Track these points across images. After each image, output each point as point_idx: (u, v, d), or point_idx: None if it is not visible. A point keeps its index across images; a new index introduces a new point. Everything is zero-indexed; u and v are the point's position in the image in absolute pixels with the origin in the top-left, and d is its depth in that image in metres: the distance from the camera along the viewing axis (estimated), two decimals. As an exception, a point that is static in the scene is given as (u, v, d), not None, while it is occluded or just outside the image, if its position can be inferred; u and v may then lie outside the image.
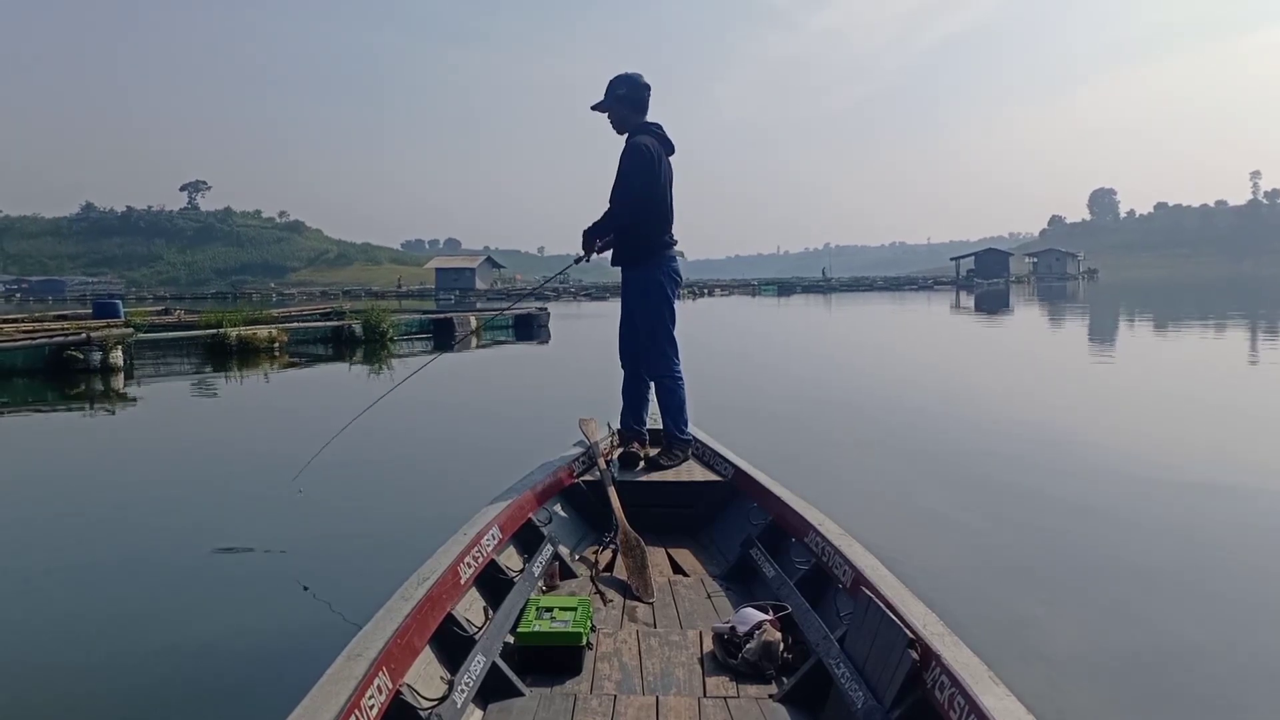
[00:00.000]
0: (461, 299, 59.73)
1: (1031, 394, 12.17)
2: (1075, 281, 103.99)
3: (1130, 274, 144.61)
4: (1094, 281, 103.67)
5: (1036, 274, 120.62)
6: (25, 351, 15.40)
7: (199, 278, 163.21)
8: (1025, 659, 3.70)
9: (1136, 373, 14.84)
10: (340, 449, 5.22)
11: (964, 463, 7.66)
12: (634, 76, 4.78)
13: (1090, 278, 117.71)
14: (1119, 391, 12.36)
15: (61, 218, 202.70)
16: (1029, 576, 4.87)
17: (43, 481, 7.56)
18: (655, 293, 4.75)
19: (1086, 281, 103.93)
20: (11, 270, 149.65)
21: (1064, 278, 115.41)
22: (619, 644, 3.12)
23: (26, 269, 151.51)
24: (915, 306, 44.67)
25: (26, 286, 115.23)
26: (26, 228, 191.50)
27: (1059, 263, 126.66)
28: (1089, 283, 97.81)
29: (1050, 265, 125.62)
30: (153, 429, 10.59)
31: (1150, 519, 5.89)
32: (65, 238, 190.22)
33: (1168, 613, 4.36)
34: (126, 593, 4.70)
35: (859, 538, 3.27)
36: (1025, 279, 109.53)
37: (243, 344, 18.87)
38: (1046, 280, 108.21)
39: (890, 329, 28.65)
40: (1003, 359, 18.23)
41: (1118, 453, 7.97)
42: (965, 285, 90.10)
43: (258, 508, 6.32)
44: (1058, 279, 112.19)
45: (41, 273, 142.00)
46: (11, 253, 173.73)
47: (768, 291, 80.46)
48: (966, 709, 2.04)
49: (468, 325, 24.60)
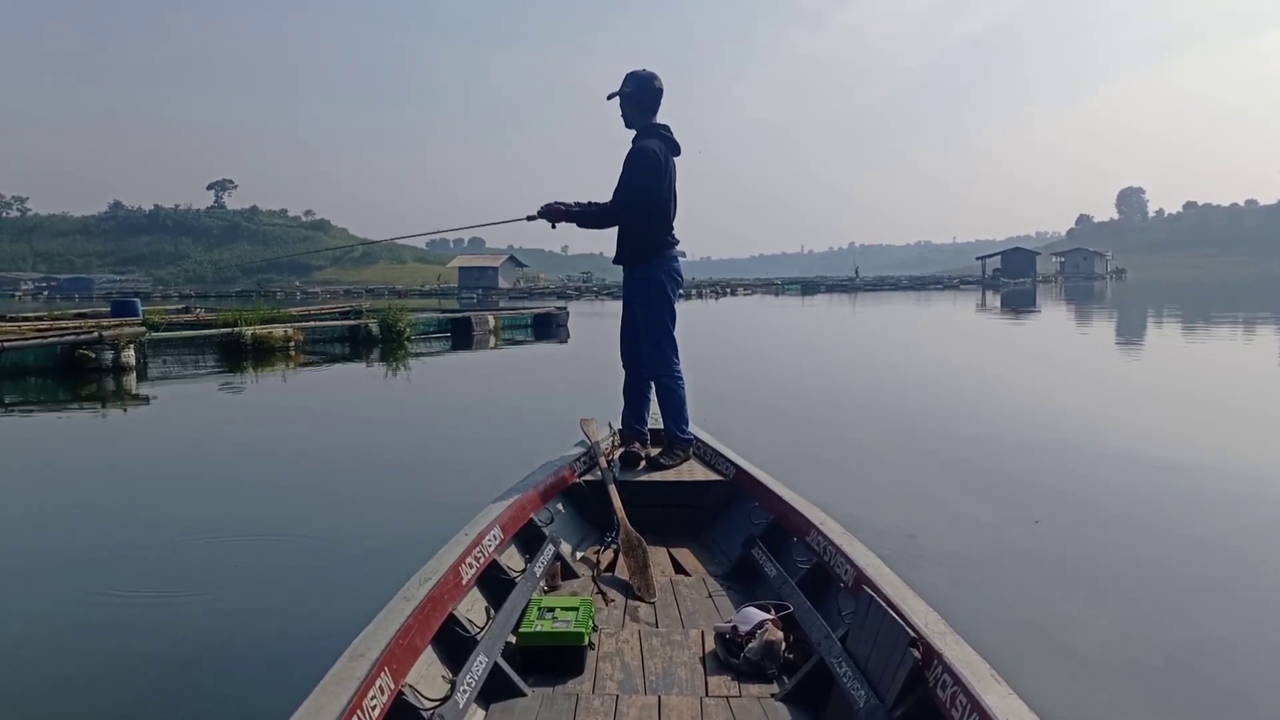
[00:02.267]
0: (484, 298, 60.06)
1: (1051, 392, 12.07)
2: (1103, 281, 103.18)
3: (1159, 274, 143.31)
4: (1122, 281, 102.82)
5: (1063, 273, 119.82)
6: (37, 350, 15.38)
7: (225, 276, 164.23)
8: (1028, 658, 3.67)
9: (1161, 372, 14.71)
10: (343, 449, 5.22)
11: (978, 461, 7.62)
12: (645, 77, 4.70)
13: (1118, 277, 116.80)
14: (1137, 390, 12.32)
15: (90, 216, 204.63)
16: (1030, 576, 4.84)
17: (44, 481, 7.57)
18: (656, 292, 4.74)
19: (1114, 281, 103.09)
20: (41, 268, 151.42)
21: (1091, 277, 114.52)
22: (621, 644, 3.11)
23: (55, 267, 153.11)
24: (941, 306, 44.47)
25: (55, 285, 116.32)
26: (56, 226, 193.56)
27: (1086, 262, 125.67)
28: (1117, 282, 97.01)
29: (1077, 264, 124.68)
30: (158, 428, 10.59)
31: (1158, 518, 5.88)
32: (94, 236, 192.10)
33: (1172, 611, 4.34)
34: (126, 593, 4.69)
35: (860, 536, 3.26)
36: (1052, 278, 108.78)
37: (258, 343, 18.83)
38: (1074, 280, 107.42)
39: (914, 329, 28.50)
40: (1026, 358, 18.08)
41: (1132, 451, 7.94)
42: (991, 285, 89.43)
43: (258, 508, 6.33)
44: (1085, 279, 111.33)
45: (70, 271, 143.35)
46: (41, 251, 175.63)
47: (791, 291, 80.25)
48: (969, 708, 2.03)
49: (486, 324, 24.51)
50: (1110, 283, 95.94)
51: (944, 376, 14.54)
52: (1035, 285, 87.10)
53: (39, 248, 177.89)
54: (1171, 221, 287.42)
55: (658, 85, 4.71)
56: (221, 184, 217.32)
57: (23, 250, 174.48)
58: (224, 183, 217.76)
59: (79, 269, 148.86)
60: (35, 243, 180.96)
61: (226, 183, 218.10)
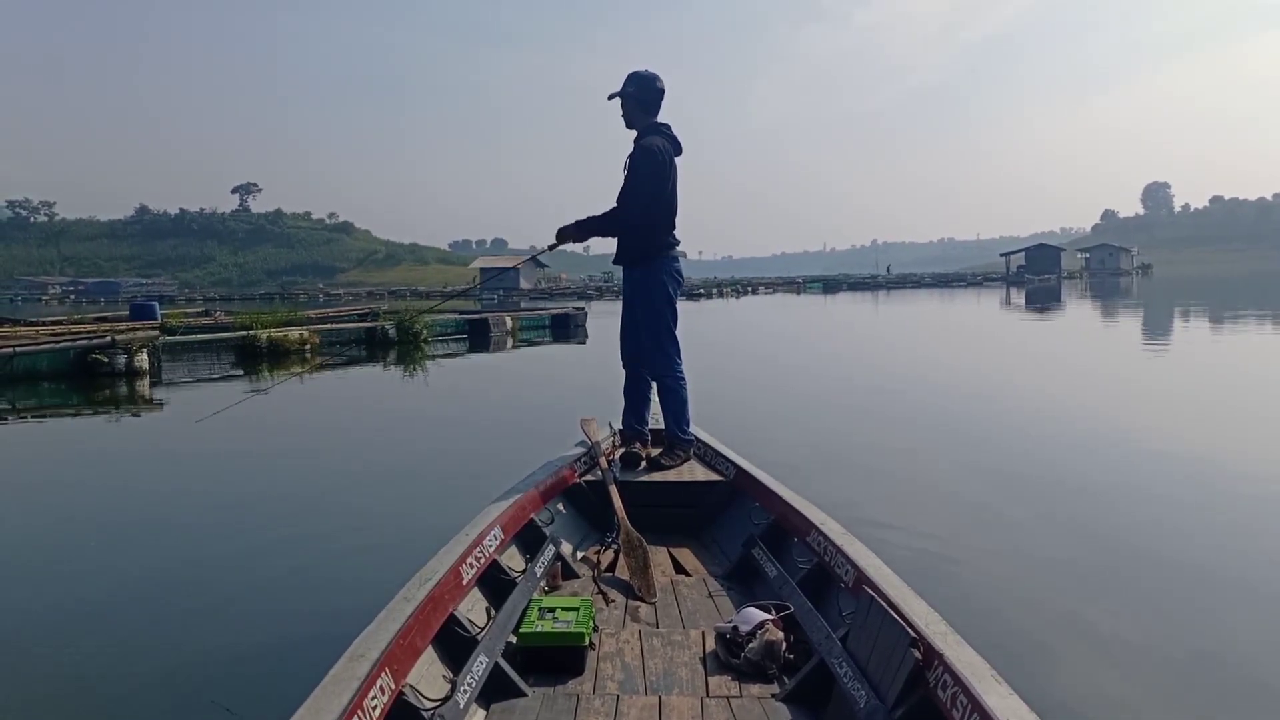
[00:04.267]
0: (505, 299, 60.16)
1: (1069, 390, 11.95)
2: (1129, 277, 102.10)
3: (1186, 269, 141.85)
4: (1148, 277, 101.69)
5: (1089, 269, 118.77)
6: (50, 354, 15.30)
7: (250, 279, 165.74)
8: (1028, 658, 3.66)
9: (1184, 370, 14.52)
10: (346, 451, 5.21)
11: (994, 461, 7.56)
12: (648, 77, 4.72)
13: (1144, 273, 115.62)
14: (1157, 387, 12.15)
15: (117, 220, 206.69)
16: (1030, 576, 4.81)
17: (44, 481, 7.60)
18: (658, 292, 4.73)
19: (1140, 277, 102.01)
20: (69, 272, 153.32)
21: (1117, 273, 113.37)
22: (621, 644, 3.12)
23: (83, 271, 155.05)
24: (965, 304, 44.23)
25: (82, 288, 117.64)
26: (83, 230, 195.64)
27: (1112, 258, 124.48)
28: (1143, 278, 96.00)
29: (1103, 260, 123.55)
30: (165, 432, 10.59)
31: (1160, 516, 5.84)
32: (120, 240, 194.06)
33: (1173, 612, 4.31)
34: (126, 594, 4.71)
35: (861, 537, 3.25)
36: (1077, 274, 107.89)
37: (273, 346, 18.71)
38: (1099, 276, 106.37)
39: (937, 327, 28.30)
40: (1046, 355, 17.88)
41: (1143, 448, 7.90)
42: (1016, 281, 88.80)
43: (258, 509, 6.34)
44: (1111, 274, 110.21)
45: (97, 274, 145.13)
46: (69, 255, 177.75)
47: (813, 289, 79.98)
48: (969, 708, 2.03)
49: (503, 325, 24.37)
50: (1136, 278, 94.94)
51: (963, 374, 14.44)
52: (1060, 281, 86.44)
53: (66, 252, 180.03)
54: (1198, 216, 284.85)
55: (659, 85, 4.72)
56: (246, 187, 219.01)
57: (50, 254, 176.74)
58: (248, 186, 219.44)
59: (106, 273, 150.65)
60: (63, 247, 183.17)
61: (251, 186, 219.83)
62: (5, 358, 14.57)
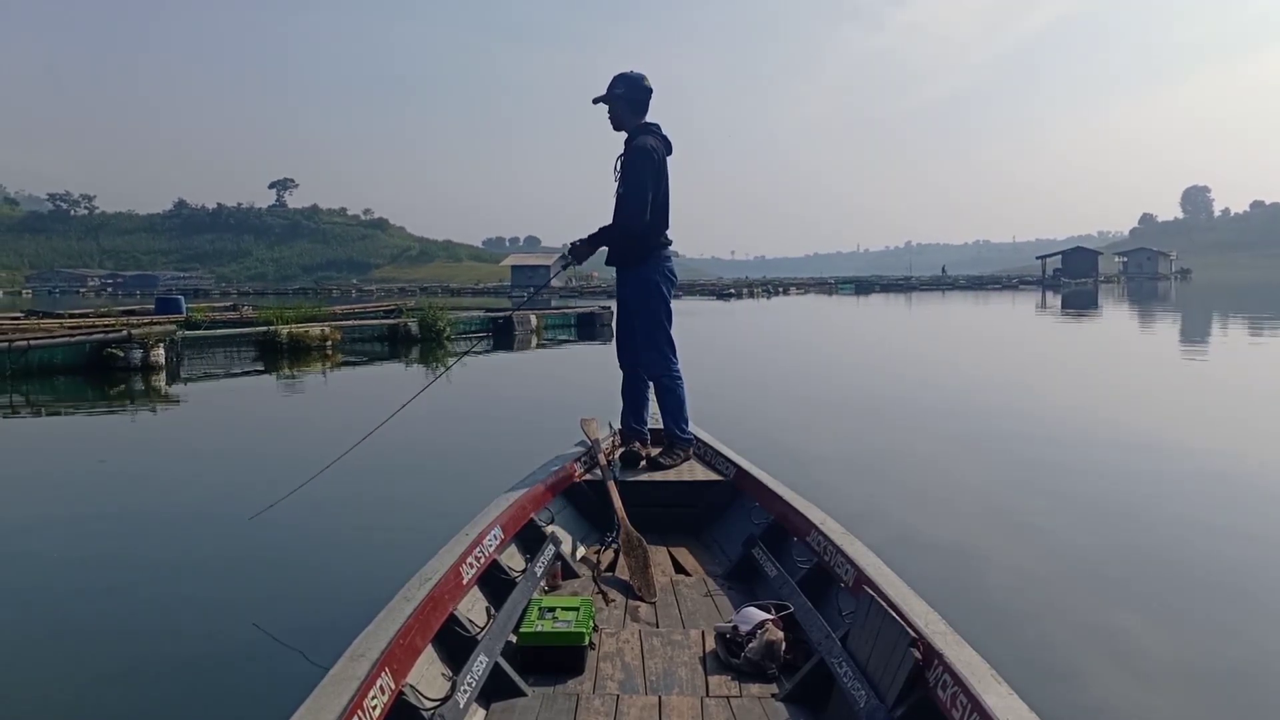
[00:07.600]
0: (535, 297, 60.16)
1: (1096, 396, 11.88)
2: (1167, 282, 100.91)
3: (1225, 274, 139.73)
4: (1187, 282, 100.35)
5: (1126, 274, 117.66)
6: (66, 349, 15.26)
7: (286, 274, 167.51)
8: (1028, 658, 3.63)
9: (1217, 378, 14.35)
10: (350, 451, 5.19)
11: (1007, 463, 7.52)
12: (635, 78, 4.74)
13: (1183, 278, 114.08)
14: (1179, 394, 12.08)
15: (155, 214, 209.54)
16: (1031, 575, 4.80)
17: (45, 482, 7.54)
18: (653, 293, 4.74)
19: (1179, 282, 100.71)
20: (107, 265, 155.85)
21: (1155, 278, 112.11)
22: (621, 644, 3.11)
23: (122, 264, 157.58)
24: (999, 306, 43.90)
25: (120, 281, 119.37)
26: (122, 224, 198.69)
27: (1150, 262, 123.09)
28: (1182, 283, 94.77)
29: (1141, 265, 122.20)
30: (176, 426, 10.60)
31: (1163, 517, 5.84)
32: (159, 234, 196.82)
33: (1174, 612, 4.28)
34: (126, 594, 4.70)
35: (860, 537, 3.24)
36: (1114, 279, 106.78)
37: (294, 342, 18.66)
38: (1137, 280, 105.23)
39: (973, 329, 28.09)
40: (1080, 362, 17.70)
41: (1156, 451, 7.93)
42: (1052, 285, 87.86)
43: (259, 508, 6.33)
44: (1149, 279, 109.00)
45: (136, 268, 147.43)
46: (108, 248, 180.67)
47: (845, 290, 79.61)
48: (969, 708, 2.03)
49: (528, 324, 24.20)
50: (1175, 283, 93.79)
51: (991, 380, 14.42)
52: (1097, 286, 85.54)
53: (106, 245, 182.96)
54: (1239, 221, 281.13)
55: (647, 85, 4.75)
56: (283, 183, 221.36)
57: (90, 247, 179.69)
58: (285, 181, 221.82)
59: (144, 266, 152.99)
60: (102, 240, 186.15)
61: (288, 181, 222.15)
62: (20, 351, 14.67)
